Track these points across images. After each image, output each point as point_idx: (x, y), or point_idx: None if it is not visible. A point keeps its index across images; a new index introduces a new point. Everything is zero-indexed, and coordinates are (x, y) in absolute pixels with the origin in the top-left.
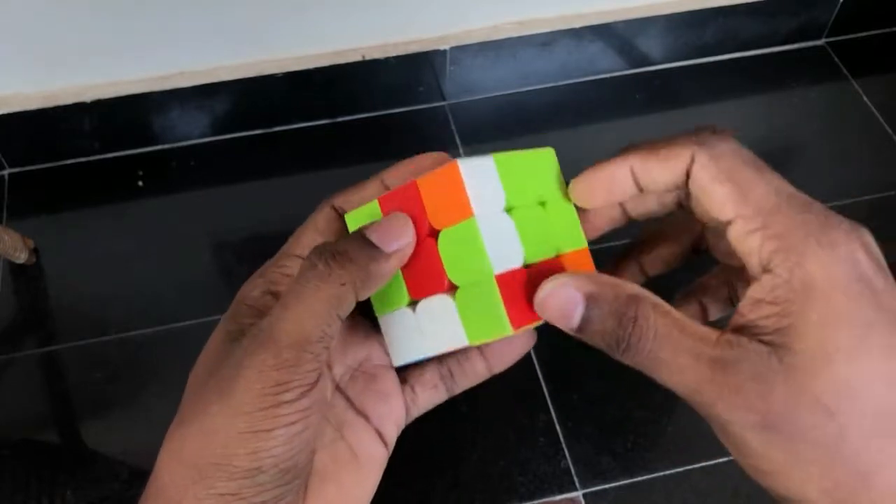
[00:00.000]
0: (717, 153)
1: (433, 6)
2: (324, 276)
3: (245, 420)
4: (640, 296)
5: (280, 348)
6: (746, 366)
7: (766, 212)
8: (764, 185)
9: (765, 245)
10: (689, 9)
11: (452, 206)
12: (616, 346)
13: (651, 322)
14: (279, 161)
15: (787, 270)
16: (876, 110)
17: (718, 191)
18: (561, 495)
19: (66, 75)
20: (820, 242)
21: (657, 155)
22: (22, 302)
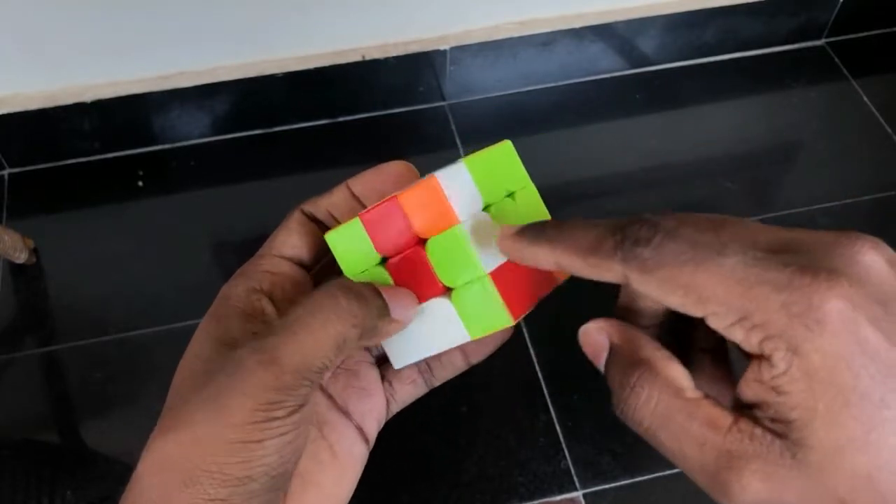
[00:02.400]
0: (648, 266)
1: (433, 6)
2: (338, 310)
3: (235, 431)
4: (650, 363)
5: (282, 372)
6: (757, 463)
7: (735, 305)
8: (718, 276)
9: (750, 336)
10: (689, 9)
11: (436, 216)
12: (615, 408)
13: (651, 394)
14: (279, 161)
15: (783, 360)
16: (876, 110)
17: (670, 301)
18: (561, 495)
19: (66, 75)
20: (807, 324)
21: (584, 261)
22: (22, 302)
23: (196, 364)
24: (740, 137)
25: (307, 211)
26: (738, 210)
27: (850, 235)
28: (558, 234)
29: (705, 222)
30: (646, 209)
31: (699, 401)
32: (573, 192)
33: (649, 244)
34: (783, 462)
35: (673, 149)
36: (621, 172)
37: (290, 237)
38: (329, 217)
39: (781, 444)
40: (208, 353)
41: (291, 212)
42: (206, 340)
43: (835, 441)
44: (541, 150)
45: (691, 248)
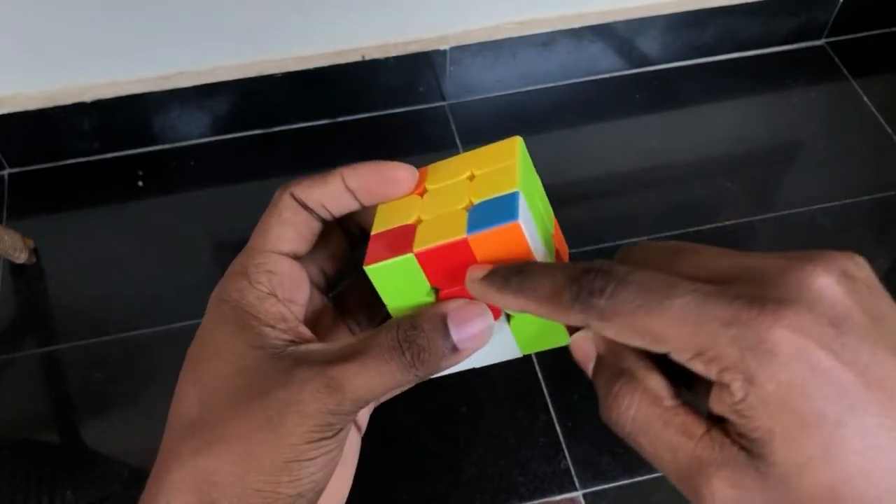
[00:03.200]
0: (605, 315)
1: (433, 6)
2: (406, 367)
3: (290, 450)
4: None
5: (345, 400)
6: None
7: (688, 342)
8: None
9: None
10: (689, 9)
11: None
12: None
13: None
14: (279, 161)
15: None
16: (876, 110)
17: (632, 343)
18: (561, 495)
19: (66, 75)
20: (757, 355)
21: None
22: (22, 302)
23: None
24: (740, 137)
25: (298, 197)
26: (739, 210)
27: (800, 259)
28: (521, 282)
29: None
30: (646, 209)
31: (676, 409)
32: (573, 192)
33: (602, 294)
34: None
35: (673, 149)
36: (621, 172)
37: (285, 231)
38: (321, 208)
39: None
40: (251, 363)
41: (279, 194)
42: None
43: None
44: (541, 150)
45: (641, 294)
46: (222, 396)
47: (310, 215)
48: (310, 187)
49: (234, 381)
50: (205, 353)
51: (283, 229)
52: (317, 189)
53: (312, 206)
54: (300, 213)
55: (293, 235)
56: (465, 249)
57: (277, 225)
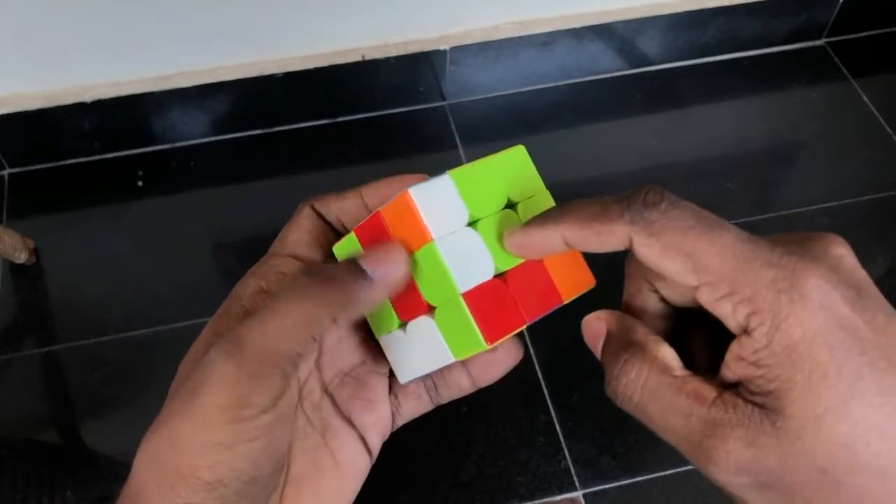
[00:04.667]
0: (654, 228)
1: (433, 6)
2: (302, 294)
3: (207, 431)
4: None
5: (245, 359)
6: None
7: (728, 277)
8: (717, 248)
9: (737, 310)
10: (689, 9)
11: (413, 232)
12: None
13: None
14: (279, 161)
15: (765, 335)
16: (876, 110)
17: (669, 268)
18: (561, 495)
19: (66, 75)
20: (792, 299)
21: (590, 229)
22: (22, 302)
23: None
24: (740, 137)
25: (317, 209)
26: (738, 210)
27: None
28: (563, 210)
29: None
30: None
31: (686, 377)
32: (573, 193)
33: (657, 208)
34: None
35: (673, 149)
36: (621, 172)
37: (302, 236)
38: (338, 222)
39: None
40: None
41: (301, 207)
42: (203, 338)
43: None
44: (541, 150)
45: (695, 217)
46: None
47: (327, 227)
48: (329, 201)
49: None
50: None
51: (301, 235)
52: (335, 204)
53: (330, 219)
54: (317, 223)
55: (310, 241)
56: (380, 223)
57: (295, 231)
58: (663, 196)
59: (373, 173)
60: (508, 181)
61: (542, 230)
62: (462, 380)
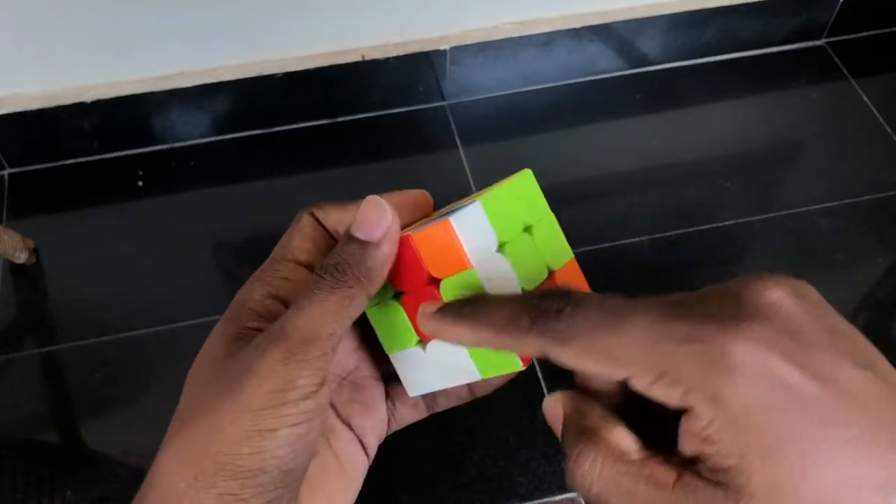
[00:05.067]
0: (563, 335)
1: (433, 6)
2: (333, 286)
3: (251, 418)
4: (594, 430)
5: (291, 343)
6: None
7: (650, 363)
8: (628, 338)
9: (671, 392)
10: (689, 9)
11: (450, 259)
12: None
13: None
14: (279, 161)
15: (706, 411)
16: (876, 110)
17: (589, 369)
18: (561, 495)
19: (66, 75)
20: (721, 372)
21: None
22: (22, 302)
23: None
24: (740, 137)
25: (317, 217)
26: (739, 210)
27: (750, 279)
28: (475, 312)
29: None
30: (646, 209)
31: (644, 461)
32: (573, 192)
33: (560, 317)
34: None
35: (673, 149)
36: (621, 172)
37: (304, 243)
38: (336, 232)
39: (724, 494)
40: (222, 350)
41: (301, 213)
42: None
43: (772, 482)
44: (541, 150)
45: (600, 314)
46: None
47: (327, 235)
48: (329, 211)
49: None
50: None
51: (302, 242)
52: (335, 214)
53: (329, 227)
54: (318, 230)
55: (311, 248)
56: (411, 249)
57: (297, 238)
58: (568, 300)
59: (372, 173)
60: (523, 205)
61: (458, 328)
62: (462, 391)
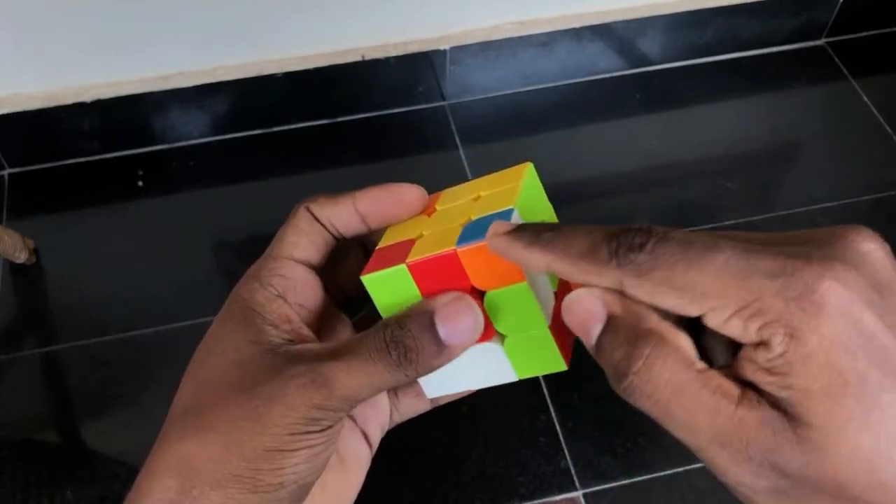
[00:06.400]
0: (644, 269)
1: (433, 6)
2: (393, 367)
3: (273, 440)
4: (660, 333)
5: (331, 395)
6: (763, 435)
7: (731, 296)
8: (712, 272)
9: (748, 326)
10: (689, 9)
11: (501, 273)
12: (619, 382)
13: (665, 365)
14: (279, 161)
15: (780, 344)
16: (876, 110)
17: (666, 303)
18: (561, 495)
19: (66, 75)
20: (803, 307)
21: (577, 267)
22: (22, 302)
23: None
24: (740, 137)
25: (312, 211)
26: (739, 210)
27: (847, 227)
28: (554, 238)
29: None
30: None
31: (707, 371)
32: (573, 192)
33: (643, 249)
34: (787, 435)
35: (673, 149)
36: (621, 172)
37: (300, 239)
38: (330, 226)
39: (785, 419)
40: (247, 357)
41: (296, 209)
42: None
43: (833, 421)
44: (541, 150)
45: (683, 248)
46: (215, 387)
47: (323, 229)
48: (323, 205)
49: (228, 373)
50: (206, 348)
51: (298, 238)
52: (328, 207)
53: (324, 222)
54: (314, 225)
55: (307, 244)
56: (455, 262)
57: (292, 234)
58: (650, 235)
59: (373, 173)
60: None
61: (530, 252)
62: None
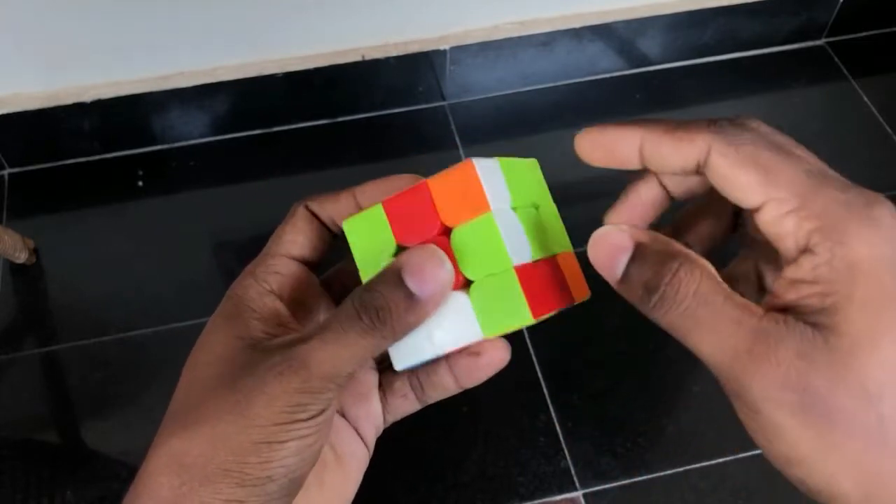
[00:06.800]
0: (736, 140)
1: (433, 6)
2: (367, 331)
3: (260, 432)
4: (689, 254)
5: (310, 376)
6: (791, 342)
7: (800, 193)
8: (794, 166)
9: (802, 225)
10: (689, 9)
11: (468, 202)
12: (648, 298)
13: (693, 278)
14: (279, 161)
15: (829, 250)
16: (876, 110)
17: (742, 178)
18: (561, 495)
19: (66, 75)
20: (863, 220)
21: (671, 135)
22: (22, 302)
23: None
24: None
25: (311, 209)
26: None
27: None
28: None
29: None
30: None
31: (732, 291)
32: (573, 192)
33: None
34: (816, 344)
35: None
36: (621, 172)
37: (297, 236)
38: (332, 222)
39: (814, 331)
40: (230, 352)
41: (295, 206)
42: (225, 339)
43: (869, 329)
44: (541, 150)
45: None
46: (201, 383)
47: (322, 227)
48: (323, 202)
49: (212, 368)
50: (199, 345)
51: (295, 236)
52: (329, 204)
53: (324, 219)
54: (312, 223)
55: (304, 242)
56: (426, 195)
57: (290, 232)
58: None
59: (373, 173)
60: (533, 186)
61: (622, 129)
62: (447, 381)
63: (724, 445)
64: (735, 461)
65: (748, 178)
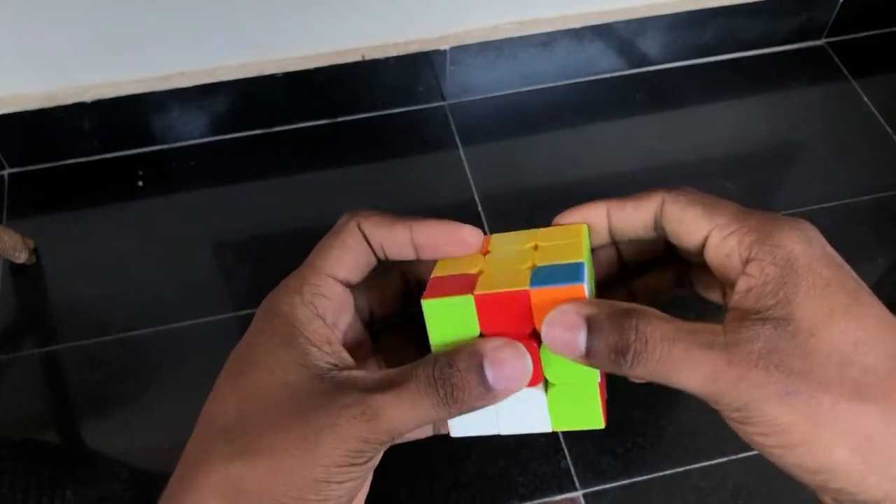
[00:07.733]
0: (684, 191)
1: (433, 6)
2: (440, 405)
3: (322, 471)
4: (635, 306)
5: (379, 429)
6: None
7: (737, 217)
8: (729, 204)
9: (742, 241)
10: (689, 9)
11: None
12: (623, 359)
13: (653, 325)
14: (279, 161)
15: (769, 252)
16: (876, 110)
17: (690, 213)
18: (561, 495)
19: (66, 75)
20: (791, 229)
21: (632, 198)
22: (22, 302)
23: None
24: (740, 137)
25: (363, 229)
26: None
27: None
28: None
29: None
30: None
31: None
32: (573, 192)
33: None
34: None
35: (673, 149)
36: (622, 172)
37: (345, 255)
38: (380, 247)
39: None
40: (296, 380)
41: (347, 222)
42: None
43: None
44: (541, 150)
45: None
46: (261, 408)
47: (369, 250)
48: (377, 225)
49: (275, 394)
50: (249, 361)
51: (344, 255)
52: (383, 230)
53: (373, 243)
54: (362, 244)
55: (352, 263)
56: (524, 301)
57: (339, 249)
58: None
59: (372, 173)
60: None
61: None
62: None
63: (724, 445)
64: (735, 461)
65: (695, 212)
